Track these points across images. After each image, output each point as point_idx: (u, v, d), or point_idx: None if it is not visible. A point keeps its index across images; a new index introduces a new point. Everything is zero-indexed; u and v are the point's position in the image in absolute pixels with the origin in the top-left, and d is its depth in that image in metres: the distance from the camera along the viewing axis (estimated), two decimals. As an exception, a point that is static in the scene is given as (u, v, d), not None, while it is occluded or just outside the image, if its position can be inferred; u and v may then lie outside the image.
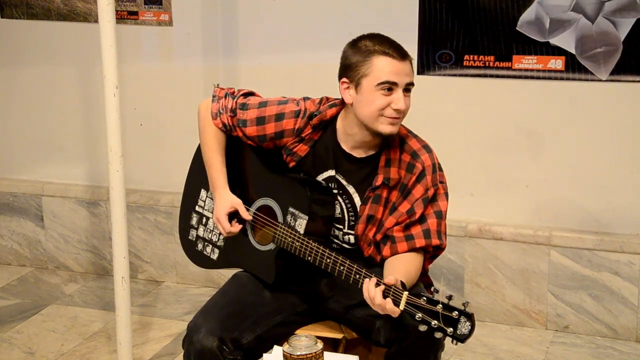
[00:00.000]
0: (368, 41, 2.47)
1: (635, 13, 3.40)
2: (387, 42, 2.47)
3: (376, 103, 2.43)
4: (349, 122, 2.53)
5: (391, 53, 2.43)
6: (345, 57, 2.50)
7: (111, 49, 3.02)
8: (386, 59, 2.43)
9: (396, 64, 2.43)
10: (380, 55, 2.43)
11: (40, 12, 4.20)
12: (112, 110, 3.08)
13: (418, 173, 2.52)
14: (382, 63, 2.42)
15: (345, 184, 2.58)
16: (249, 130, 2.64)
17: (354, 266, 2.38)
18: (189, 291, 4.18)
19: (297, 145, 2.60)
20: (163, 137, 4.17)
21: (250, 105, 2.65)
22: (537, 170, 3.69)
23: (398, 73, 2.43)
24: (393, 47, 2.45)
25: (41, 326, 3.82)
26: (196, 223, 2.81)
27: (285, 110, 2.60)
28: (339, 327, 2.62)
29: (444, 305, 2.22)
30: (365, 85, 2.44)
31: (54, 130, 4.35)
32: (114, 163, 3.12)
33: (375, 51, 2.44)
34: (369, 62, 2.43)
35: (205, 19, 3.99)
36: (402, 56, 2.45)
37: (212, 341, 2.43)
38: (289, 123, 2.59)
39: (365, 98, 2.45)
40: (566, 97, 3.59)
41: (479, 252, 3.77)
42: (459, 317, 2.20)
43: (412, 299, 2.25)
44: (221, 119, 2.68)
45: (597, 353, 3.55)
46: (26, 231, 4.46)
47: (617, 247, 3.58)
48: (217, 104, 2.70)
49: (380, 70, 2.42)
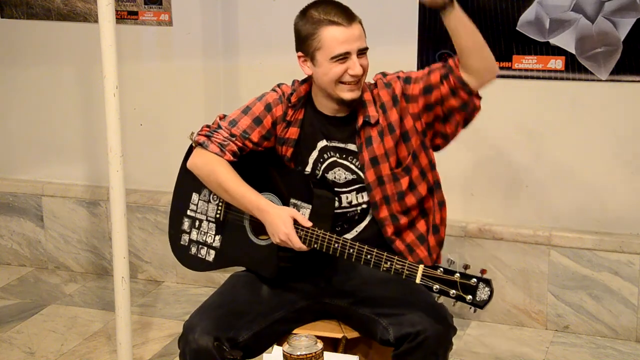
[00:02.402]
0: (314, 10, 2.51)
1: (635, 13, 3.40)
2: (332, 8, 2.50)
3: (333, 72, 2.49)
4: (317, 93, 2.60)
5: (337, 21, 2.47)
6: (297, 29, 2.56)
7: (111, 49, 3.02)
8: (334, 28, 2.47)
9: (345, 32, 2.47)
10: (328, 26, 2.47)
11: (40, 12, 4.20)
12: (112, 110, 3.08)
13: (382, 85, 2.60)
14: (331, 34, 2.47)
15: (342, 145, 2.60)
16: (254, 137, 2.62)
17: (364, 247, 2.39)
18: (188, 291, 4.18)
19: (287, 131, 2.63)
20: (163, 137, 4.17)
21: (237, 118, 2.63)
22: (537, 170, 3.69)
23: (348, 41, 2.47)
24: (339, 13, 2.49)
25: (41, 326, 3.82)
26: (188, 227, 2.79)
27: (270, 100, 2.64)
28: (338, 327, 2.62)
29: (461, 274, 2.26)
30: (320, 58, 2.50)
31: (54, 130, 4.35)
32: (114, 163, 3.12)
33: (322, 21, 2.48)
34: (319, 35, 2.49)
35: (205, 19, 3.99)
36: (349, 21, 2.48)
37: (207, 340, 2.43)
38: (278, 109, 2.63)
39: (322, 70, 2.51)
40: (566, 97, 3.59)
41: (479, 252, 3.77)
42: (477, 284, 2.24)
43: (428, 271, 2.28)
44: (228, 150, 2.60)
45: (597, 353, 3.55)
46: (26, 231, 4.46)
47: (617, 247, 3.58)
48: (213, 144, 2.62)
49: (330, 43, 2.47)
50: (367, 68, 2.54)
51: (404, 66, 3.69)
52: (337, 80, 2.50)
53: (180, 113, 4.11)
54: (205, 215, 2.75)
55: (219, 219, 2.71)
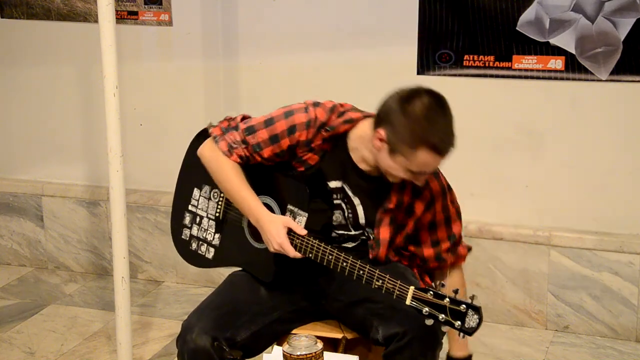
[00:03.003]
0: (423, 117, 2.34)
1: (635, 13, 3.40)
2: (441, 128, 2.36)
3: (399, 174, 2.43)
4: (363, 145, 2.50)
5: (439, 148, 2.35)
6: (394, 115, 2.38)
7: (111, 49, 3.02)
8: (431, 155, 2.36)
9: (437, 161, 2.39)
10: (428, 151, 2.35)
11: (40, 12, 4.20)
12: (112, 110, 3.08)
13: (426, 201, 2.56)
14: (425, 159, 2.36)
15: (351, 195, 2.56)
16: (265, 152, 2.54)
17: (357, 262, 2.39)
18: (188, 291, 4.18)
19: (307, 154, 2.55)
20: (163, 137, 4.17)
21: (257, 126, 2.55)
22: (537, 170, 3.69)
23: (432, 168, 2.43)
24: (444, 139, 2.36)
25: (41, 326, 3.82)
26: (189, 222, 2.80)
27: (296, 122, 2.51)
28: (338, 327, 2.62)
29: (451, 299, 2.23)
30: (399, 160, 2.39)
31: (54, 130, 4.35)
32: (114, 163, 3.12)
33: (426, 143, 2.34)
34: (413, 153, 2.35)
35: (205, 19, 3.99)
36: (447, 152, 2.38)
37: (205, 340, 2.43)
38: (302, 134, 2.51)
39: (392, 165, 2.41)
40: (566, 97, 3.59)
41: (479, 252, 3.77)
42: (466, 310, 2.21)
43: (418, 293, 2.27)
44: (236, 153, 2.56)
45: (597, 353, 3.55)
46: (26, 231, 4.46)
47: (617, 247, 3.58)
48: (224, 142, 2.57)
49: (420, 164, 2.38)
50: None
51: (404, 66, 3.71)
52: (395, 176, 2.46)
53: (180, 113, 4.11)
54: (206, 212, 2.75)
55: (219, 218, 2.71)
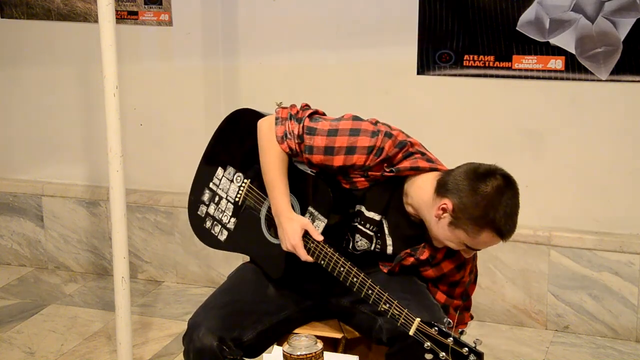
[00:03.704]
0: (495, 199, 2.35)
1: (635, 13, 3.40)
2: (509, 218, 2.37)
3: (451, 244, 2.44)
4: (419, 198, 2.47)
5: (503, 232, 2.37)
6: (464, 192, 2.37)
7: (111, 49, 3.02)
8: (494, 238, 2.38)
9: (497, 242, 2.41)
10: (492, 233, 2.36)
11: (40, 12, 4.20)
12: (112, 110, 3.08)
13: (458, 263, 2.57)
14: (487, 239, 2.38)
15: (387, 233, 2.54)
16: (315, 158, 2.48)
17: (367, 280, 2.37)
18: (189, 291, 4.18)
19: (358, 178, 2.50)
20: (163, 137, 4.17)
21: (319, 131, 2.48)
22: (537, 170, 3.69)
23: (491, 245, 2.44)
24: (508, 225, 2.37)
25: (41, 326, 3.82)
26: (208, 200, 2.76)
27: (358, 145, 2.44)
28: (339, 327, 2.62)
29: (455, 339, 2.20)
30: (459, 234, 2.39)
31: (54, 130, 4.35)
32: (114, 163, 3.12)
33: (493, 226, 2.35)
34: (478, 231, 2.36)
35: (205, 19, 3.99)
36: (509, 237, 2.40)
37: (212, 340, 2.42)
38: (360, 159, 2.44)
39: (449, 236, 2.41)
40: (566, 97, 3.59)
41: (479, 252, 3.76)
42: (468, 354, 2.18)
43: (423, 327, 2.24)
44: (288, 143, 2.50)
45: (597, 353, 3.55)
46: (26, 231, 4.46)
47: (617, 247, 3.58)
48: (283, 127, 2.51)
49: (480, 243, 2.40)
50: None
51: (404, 66, 3.71)
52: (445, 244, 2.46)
53: (180, 113, 4.11)
54: (226, 194, 2.72)
55: (238, 202, 2.69)
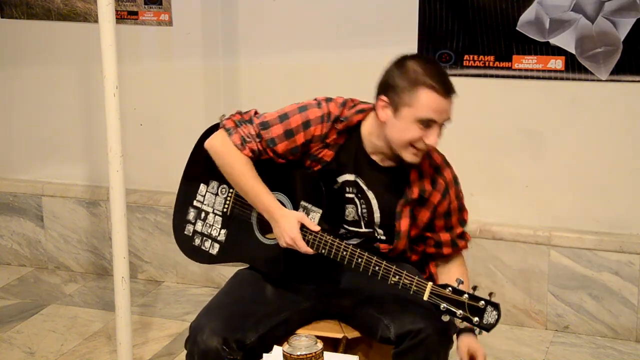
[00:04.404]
0: (417, 66, 2.41)
1: (635, 13, 3.40)
2: (436, 73, 2.41)
3: (410, 134, 2.41)
4: (376, 134, 2.50)
5: (438, 88, 2.38)
6: (390, 76, 2.44)
7: (111, 49, 3.02)
8: (433, 94, 2.38)
9: (441, 101, 2.39)
10: (427, 89, 2.38)
11: (40, 12, 4.20)
12: (112, 110, 3.08)
13: (442, 190, 2.56)
14: (427, 98, 2.38)
15: (365, 189, 2.55)
16: (279, 148, 2.54)
17: (372, 258, 2.39)
18: (189, 291, 4.18)
19: (322, 151, 2.55)
20: (163, 137, 4.17)
21: (271, 122, 2.54)
22: (537, 170, 3.69)
23: (440, 111, 2.41)
24: (441, 81, 2.40)
25: (41, 326, 3.82)
26: (193, 218, 2.78)
27: (310, 117, 2.52)
28: (339, 327, 2.62)
29: (469, 295, 2.26)
30: (405, 114, 2.40)
31: (54, 130, 4.35)
32: (114, 163, 3.12)
33: (423, 82, 2.38)
34: (415, 94, 2.38)
35: (205, 19, 3.99)
36: (447, 92, 2.41)
37: (216, 341, 2.42)
38: (317, 129, 2.52)
39: (401, 125, 2.42)
40: (566, 97, 3.59)
41: (479, 252, 3.77)
42: (485, 306, 2.25)
43: (436, 289, 2.28)
44: (249, 147, 2.55)
45: (597, 353, 3.55)
46: (26, 231, 4.46)
47: (617, 247, 3.59)
48: (237, 135, 2.55)
49: (424, 106, 2.38)
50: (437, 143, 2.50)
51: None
52: (410, 142, 2.43)
53: (180, 113, 4.11)
54: (212, 208, 2.73)
55: (226, 213, 2.70)
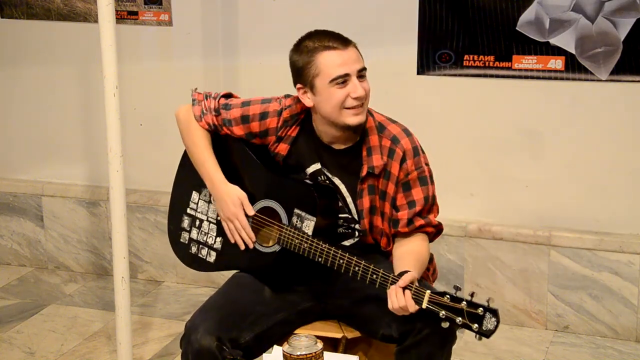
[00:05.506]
0: (308, 41, 2.50)
1: (635, 13, 3.40)
2: (325, 35, 2.49)
3: (335, 98, 2.45)
4: (319, 120, 2.56)
5: (332, 45, 2.46)
6: (293, 62, 2.54)
7: (111, 49, 3.02)
8: (329, 52, 2.45)
9: (341, 54, 2.45)
10: (323, 51, 2.46)
11: (40, 12, 4.20)
12: (112, 110, 3.08)
13: (399, 159, 2.53)
14: (327, 59, 2.45)
15: (330, 175, 2.59)
16: (235, 130, 2.66)
17: (369, 266, 2.39)
18: (189, 291, 4.18)
19: (277, 145, 2.62)
20: (163, 137, 4.17)
21: (233, 105, 2.66)
22: (537, 170, 3.69)
23: (346, 63, 2.45)
24: (332, 38, 2.47)
25: (41, 326, 3.82)
26: (188, 226, 2.79)
27: (269, 109, 2.62)
28: (338, 327, 2.62)
29: (468, 302, 2.25)
30: (319, 84, 2.47)
31: (54, 130, 4.35)
32: (114, 163, 3.12)
33: (316, 49, 2.47)
34: (315, 62, 2.46)
35: (205, 19, 3.99)
36: (344, 44, 2.47)
37: (210, 340, 2.42)
38: (272, 122, 2.61)
39: (323, 97, 2.47)
40: (566, 97, 3.59)
41: (479, 252, 3.77)
42: (484, 313, 2.24)
43: (435, 297, 2.28)
44: (205, 119, 2.68)
45: (597, 353, 3.55)
46: (26, 231, 4.46)
47: (617, 247, 3.58)
48: (199, 107, 2.70)
49: (327, 67, 2.45)
50: (368, 91, 2.50)
51: (404, 66, 3.71)
52: (340, 105, 2.46)
53: (180, 113, 4.11)
54: (206, 215, 2.74)
55: (220, 221, 2.71)
